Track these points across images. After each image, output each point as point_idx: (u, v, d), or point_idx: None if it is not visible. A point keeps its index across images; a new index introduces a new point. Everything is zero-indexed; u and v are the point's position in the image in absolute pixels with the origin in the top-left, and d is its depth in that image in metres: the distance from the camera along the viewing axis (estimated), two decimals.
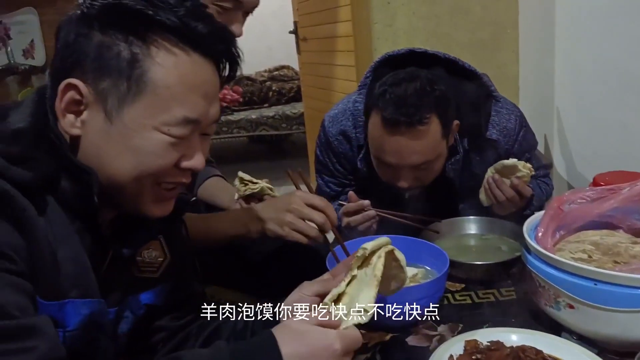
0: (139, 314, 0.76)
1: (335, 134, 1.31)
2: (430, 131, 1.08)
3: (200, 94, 0.65)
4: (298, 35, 3.35)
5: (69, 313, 0.62)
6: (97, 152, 0.64)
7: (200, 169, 0.68)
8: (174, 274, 0.80)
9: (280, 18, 5.10)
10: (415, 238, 1.07)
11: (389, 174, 1.16)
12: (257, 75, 5.05)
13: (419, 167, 1.12)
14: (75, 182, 0.63)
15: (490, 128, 1.24)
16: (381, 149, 1.12)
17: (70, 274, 0.62)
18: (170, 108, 0.63)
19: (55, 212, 0.62)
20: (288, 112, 4.38)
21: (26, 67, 3.08)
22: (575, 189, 0.96)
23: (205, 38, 0.65)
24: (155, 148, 0.63)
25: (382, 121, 1.08)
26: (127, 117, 0.62)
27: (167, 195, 0.69)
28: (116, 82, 0.62)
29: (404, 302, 0.86)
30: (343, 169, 1.35)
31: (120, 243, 0.71)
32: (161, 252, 0.78)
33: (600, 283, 0.74)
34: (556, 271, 0.80)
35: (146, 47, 0.62)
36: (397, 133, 1.07)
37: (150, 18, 0.62)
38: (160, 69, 0.62)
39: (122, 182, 0.64)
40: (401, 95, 1.06)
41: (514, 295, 1.00)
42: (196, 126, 0.66)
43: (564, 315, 0.81)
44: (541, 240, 0.87)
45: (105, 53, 0.61)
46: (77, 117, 0.63)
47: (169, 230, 0.79)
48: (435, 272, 0.99)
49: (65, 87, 0.62)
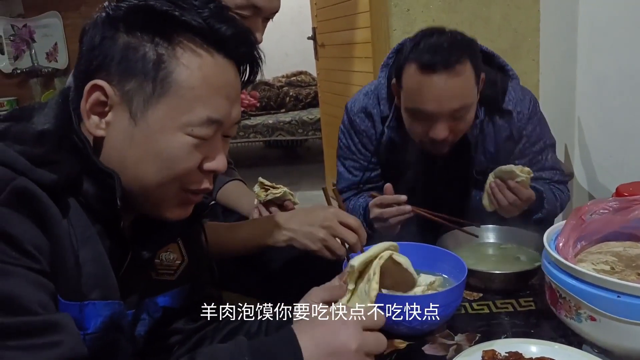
0: (156, 317, 0.76)
1: (357, 111, 1.35)
2: (465, 72, 1.12)
3: (223, 95, 0.66)
4: (316, 41, 3.36)
5: (90, 314, 0.62)
6: (120, 155, 0.64)
7: (222, 170, 0.69)
8: (191, 277, 0.80)
9: (298, 24, 5.13)
10: (433, 246, 1.06)
11: (425, 127, 1.17)
12: (274, 81, 5.07)
13: (454, 114, 1.14)
14: (98, 185, 0.63)
15: (507, 100, 1.27)
16: (420, 97, 1.13)
17: (91, 276, 0.62)
18: (194, 109, 0.63)
19: (77, 214, 0.62)
20: (305, 117, 4.39)
21: (49, 70, 3.14)
22: (597, 199, 0.94)
23: (229, 40, 0.65)
24: (179, 150, 0.64)
25: (419, 68, 1.11)
26: (151, 119, 0.63)
27: (191, 199, 0.70)
28: (142, 84, 0.62)
29: (421, 310, 0.85)
30: (365, 149, 1.36)
31: (139, 245, 0.71)
32: (179, 255, 0.78)
33: (624, 295, 0.73)
34: (578, 282, 0.78)
35: (172, 49, 0.62)
36: (435, 74, 1.10)
37: (177, 19, 0.62)
38: (185, 70, 0.63)
39: (146, 186, 0.65)
40: (435, 43, 1.11)
41: (533, 306, 0.99)
42: (219, 127, 0.66)
43: (586, 328, 0.79)
44: (562, 250, 0.85)
45: (131, 54, 0.62)
46: (101, 119, 0.64)
47: (187, 233, 0.79)
48: (452, 281, 0.98)
49: (91, 88, 0.63)
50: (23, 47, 3.11)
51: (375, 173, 1.37)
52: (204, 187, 0.68)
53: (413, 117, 1.18)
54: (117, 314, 0.66)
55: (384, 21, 2.24)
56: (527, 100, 1.30)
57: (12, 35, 3.12)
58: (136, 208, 0.69)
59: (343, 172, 1.40)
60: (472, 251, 1.15)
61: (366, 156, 1.36)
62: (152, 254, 0.74)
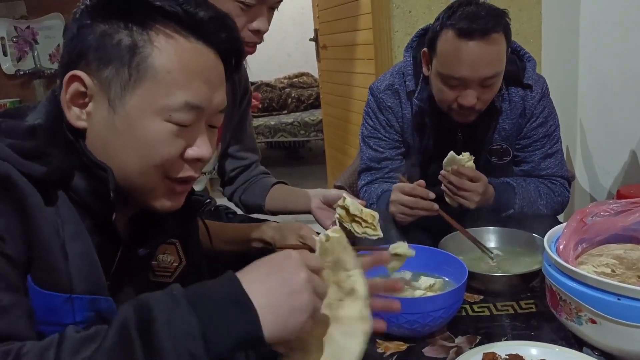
0: None
1: (383, 89, 1.38)
2: (500, 41, 1.17)
3: (203, 79, 0.65)
4: (318, 42, 3.37)
5: (76, 308, 0.62)
6: (103, 145, 0.64)
7: (207, 158, 0.67)
8: (189, 279, 0.80)
9: (301, 25, 5.14)
10: (434, 248, 1.06)
11: (455, 93, 1.20)
12: (276, 82, 5.08)
13: (484, 82, 1.18)
14: (91, 178, 0.63)
15: (527, 77, 1.31)
16: (456, 61, 1.17)
17: (79, 270, 0.62)
18: (172, 93, 0.63)
19: (67, 208, 0.62)
20: (307, 119, 4.40)
21: (52, 71, 3.15)
22: (598, 202, 0.94)
23: (206, 24, 0.65)
24: (158, 136, 0.63)
25: (457, 33, 1.15)
26: (129, 105, 0.62)
27: (178, 189, 0.68)
28: (118, 70, 0.62)
29: (422, 312, 0.85)
30: (389, 126, 1.38)
31: (135, 244, 0.71)
32: (176, 257, 0.78)
33: (624, 298, 0.73)
34: (578, 285, 0.78)
35: (146, 34, 0.62)
36: (472, 40, 1.14)
37: (150, 5, 0.63)
38: (160, 55, 0.62)
39: (129, 175, 0.64)
40: (473, 11, 1.16)
41: (534, 308, 0.98)
42: (200, 113, 0.65)
43: (586, 330, 0.79)
44: (563, 253, 0.85)
45: (107, 42, 0.62)
46: (82, 110, 0.64)
47: (186, 234, 0.79)
48: (453, 283, 0.98)
49: (69, 79, 0.63)
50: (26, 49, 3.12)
51: (398, 152, 1.40)
52: (188, 174, 0.67)
53: (445, 82, 1.21)
54: (105, 310, 0.66)
55: (386, 23, 2.24)
56: (542, 82, 1.34)
57: (15, 36, 3.13)
58: (128, 203, 0.69)
59: (366, 151, 1.42)
60: (473, 253, 1.15)
61: (391, 133, 1.39)
62: (148, 252, 0.74)
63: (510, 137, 1.35)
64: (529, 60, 1.34)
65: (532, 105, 1.32)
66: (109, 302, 0.67)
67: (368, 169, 1.41)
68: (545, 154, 1.35)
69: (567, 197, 1.36)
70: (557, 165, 1.35)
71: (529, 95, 1.32)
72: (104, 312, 0.66)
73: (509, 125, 1.33)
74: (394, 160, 1.39)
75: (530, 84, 1.31)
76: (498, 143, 1.35)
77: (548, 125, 1.34)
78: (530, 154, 1.35)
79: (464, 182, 1.20)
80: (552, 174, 1.35)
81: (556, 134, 1.36)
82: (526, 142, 1.35)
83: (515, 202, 1.28)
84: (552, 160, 1.35)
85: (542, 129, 1.34)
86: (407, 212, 1.17)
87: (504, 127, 1.33)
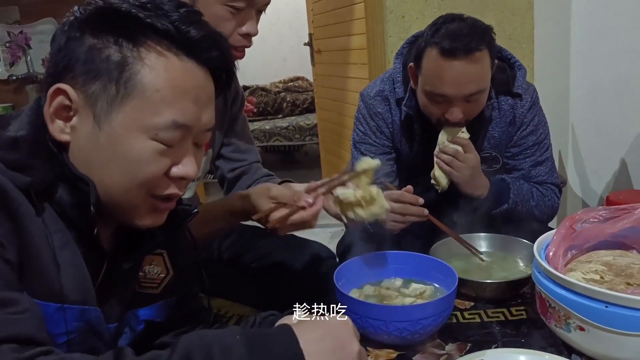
0: (137, 330, 0.75)
1: (373, 95, 1.39)
2: (483, 59, 1.17)
3: (191, 98, 0.64)
4: (313, 47, 3.37)
5: (67, 318, 0.62)
6: (86, 160, 0.63)
7: (192, 177, 0.67)
8: (177, 290, 0.79)
9: (296, 30, 5.14)
10: (424, 255, 1.06)
11: (441, 109, 1.22)
12: (271, 86, 5.08)
13: (469, 98, 1.19)
14: (73, 191, 0.62)
15: (517, 85, 1.32)
16: (439, 80, 1.18)
17: (70, 279, 0.61)
18: (159, 111, 0.62)
19: (53, 220, 0.61)
20: (302, 123, 4.40)
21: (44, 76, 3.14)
22: (588, 208, 0.95)
23: (198, 43, 0.64)
24: (143, 154, 0.62)
25: (440, 52, 1.16)
26: (115, 122, 0.61)
27: (161, 206, 0.68)
28: (105, 86, 0.61)
29: (412, 320, 0.85)
30: (380, 132, 1.39)
31: (120, 257, 0.70)
32: (163, 268, 0.77)
33: (612, 305, 0.73)
34: (567, 292, 0.78)
35: (136, 50, 0.62)
36: (455, 60, 1.15)
37: (142, 22, 0.62)
38: (149, 72, 0.61)
39: (112, 191, 0.64)
40: (456, 29, 1.16)
41: (524, 315, 0.99)
42: (187, 132, 0.65)
43: (575, 338, 0.79)
44: (552, 259, 0.86)
45: (96, 56, 0.61)
46: (66, 123, 0.63)
47: (173, 245, 0.79)
48: (444, 290, 0.98)
49: (54, 92, 0.62)
50: (19, 54, 3.11)
51: (389, 157, 1.40)
52: (173, 192, 0.67)
53: (430, 99, 1.23)
54: (94, 319, 0.65)
55: (380, 28, 2.24)
56: (531, 91, 1.36)
57: (8, 41, 3.12)
58: (111, 217, 0.68)
59: (357, 156, 1.42)
60: (463, 260, 1.15)
61: (381, 139, 1.40)
62: (134, 265, 0.73)
63: (499, 145, 1.35)
64: (520, 68, 1.34)
65: (521, 113, 1.33)
66: (97, 312, 0.67)
67: None
68: (535, 161, 1.35)
69: (556, 203, 1.37)
70: (547, 172, 1.36)
71: (518, 104, 1.33)
72: (93, 322, 0.66)
73: (498, 134, 1.34)
74: (385, 165, 1.39)
75: (520, 93, 1.32)
76: (488, 151, 1.35)
77: (538, 133, 1.35)
78: (521, 162, 1.36)
79: (457, 152, 1.21)
80: (542, 181, 1.35)
81: (546, 142, 1.37)
82: (516, 150, 1.36)
83: (510, 197, 1.28)
84: (543, 167, 1.36)
85: (532, 137, 1.34)
86: (398, 219, 1.17)
87: (494, 135, 1.34)
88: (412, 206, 1.15)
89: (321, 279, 1.19)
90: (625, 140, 1.61)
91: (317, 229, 3.81)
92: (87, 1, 0.65)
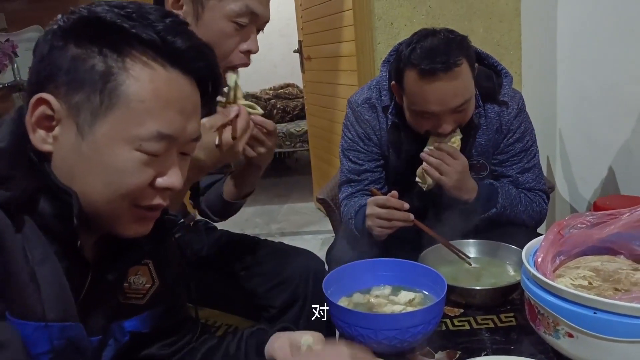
0: (122, 341, 0.74)
1: (361, 102, 1.39)
2: (463, 71, 1.17)
3: (177, 109, 0.64)
4: (302, 54, 3.38)
5: (44, 336, 0.60)
6: (69, 170, 0.62)
7: (177, 187, 0.66)
8: (163, 301, 0.78)
9: (286, 37, 5.15)
10: (413, 262, 1.06)
11: (430, 124, 1.22)
12: (262, 93, 5.08)
13: (457, 109, 1.19)
14: (55, 203, 0.61)
15: (503, 93, 1.33)
16: (423, 101, 1.18)
17: (49, 296, 0.60)
18: (144, 122, 0.61)
19: (33, 233, 0.60)
20: (292, 129, 4.39)
21: None
22: (575, 214, 0.94)
23: (184, 53, 0.64)
24: (127, 165, 0.62)
25: (419, 74, 1.15)
26: (99, 132, 0.61)
27: (147, 215, 0.67)
28: (89, 96, 0.60)
29: (400, 328, 0.85)
30: (368, 138, 1.39)
31: (104, 267, 0.69)
32: (149, 278, 0.76)
33: (600, 312, 0.73)
34: (555, 298, 0.78)
35: (122, 61, 0.61)
36: (436, 80, 1.14)
37: (127, 32, 0.61)
38: (134, 83, 0.61)
39: (95, 202, 0.63)
40: (431, 46, 1.15)
41: (514, 322, 0.98)
42: (171, 143, 0.64)
43: (563, 344, 0.79)
44: (541, 266, 0.85)
45: (80, 66, 0.60)
46: (48, 133, 0.62)
47: (158, 255, 0.77)
48: (433, 297, 0.98)
49: (36, 102, 0.61)
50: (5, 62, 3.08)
51: (377, 164, 1.40)
52: (157, 203, 0.66)
53: (418, 116, 1.23)
54: (75, 336, 0.64)
55: (368, 35, 2.25)
56: (517, 98, 1.36)
57: None
58: (94, 227, 0.67)
59: (346, 163, 1.42)
60: (453, 267, 1.15)
61: (369, 146, 1.39)
62: (118, 276, 0.72)
63: (486, 153, 1.36)
64: (506, 76, 1.35)
65: (508, 121, 1.33)
66: (78, 327, 0.65)
67: (348, 181, 1.41)
68: (522, 168, 1.36)
69: (545, 209, 1.37)
70: (534, 179, 1.36)
71: (504, 111, 1.33)
72: (74, 339, 0.64)
73: (485, 141, 1.34)
74: (373, 172, 1.39)
75: (506, 101, 1.32)
76: (475, 158, 1.35)
77: (525, 140, 1.35)
78: (508, 169, 1.36)
79: (444, 156, 1.21)
80: (530, 188, 1.36)
81: (533, 149, 1.38)
82: (504, 157, 1.36)
83: (498, 201, 1.29)
84: (530, 174, 1.36)
85: (519, 144, 1.35)
86: (384, 224, 1.16)
87: (481, 142, 1.35)
88: (398, 211, 1.15)
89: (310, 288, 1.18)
90: (612, 147, 1.62)
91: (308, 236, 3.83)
92: (71, 10, 0.64)
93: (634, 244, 0.90)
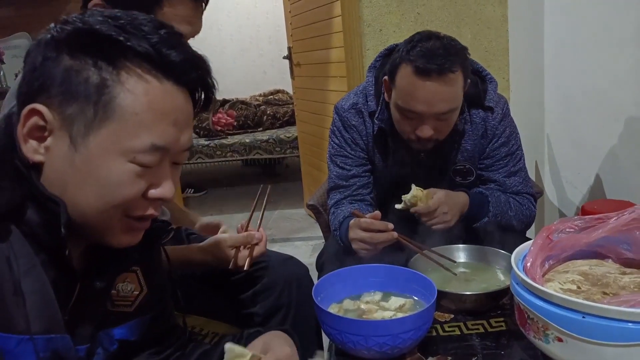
0: (111, 350, 0.73)
1: (347, 108, 1.40)
2: (457, 80, 1.18)
3: (170, 121, 0.64)
4: (292, 60, 3.38)
5: (29, 350, 0.59)
6: (61, 181, 0.62)
7: (169, 198, 0.66)
8: (151, 308, 0.77)
9: (276, 43, 5.16)
10: (403, 267, 1.06)
11: (412, 125, 1.23)
12: (251, 99, 5.06)
13: (441, 116, 1.20)
14: (43, 212, 0.61)
15: (488, 99, 1.34)
16: (411, 98, 1.19)
17: (34, 308, 0.59)
18: (138, 135, 0.61)
19: (19, 243, 0.59)
20: (282, 136, 4.39)
21: None
22: (564, 218, 0.95)
23: (178, 65, 0.64)
24: (121, 177, 0.61)
25: (414, 71, 1.16)
26: (93, 144, 0.61)
27: (137, 226, 0.67)
28: (83, 108, 0.60)
29: (391, 335, 0.84)
30: (355, 144, 1.39)
31: (92, 275, 0.69)
32: (137, 285, 0.75)
33: (589, 316, 0.73)
34: (544, 303, 0.78)
35: (116, 73, 0.61)
36: (428, 80, 1.16)
37: (121, 44, 0.61)
38: (129, 95, 0.61)
39: (86, 213, 0.62)
40: (431, 48, 1.16)
41: (504, 326, 0.98)
42: (164, 154, 0.64)
43: (553, 349, 0.79)
44: (530, 270, 0.86)
45: (74, 77, 0.60)
46: (40, 143, 0.62)
47: (147, 262, 0.77)
48: (423, 303, 0.97)
49: (29, 112, 0.60)
50: None
51: (365, 169, 1.40)
52: (149, 213, 0.66)
53: (402, 114, 1.24)
54: (62, 348, 0.63)
55: (357, 41, 2.26)
56: (502, 103, 1.37)
57: None
58: (82, 236, 0.66)
59: (334, 169, 1.42)
60: (442, 272, 1.15)
61: (357, 151, 1.40)
62: (106, 284, 0.71)
63: (472, 158, 1.37)
64: (491, 81, 1.36)
65: (493, 126, 1.35)
66: (65, 339, 0.64)
67: (336, 187, 1.41)
68: (508, 172, 1.37)
69: (533, 212, 1.38)
70: (521, 183, 1.38)
71: (490, 116, 1.34)
72: (60, 351, 0.63)
73: (471, 146, 1.35)
74: (361, 177, 1.40)
75: (492, 106, 1.34)
76: (461, 163, 1.36)
77: (510, 144, 1.37)
78: (494, 173, 1.37)
79: (430, 216, 1.20)
80: (518, 191, 1.37)
81: (519, 153, 1.39)
82: (489, 162, 1.37)
83: (489, 210, 1.29)
84: (516, 178, 1.37)
85: (505, 148, 1.36)
86: (369, 248, 1.17)
87: (466, 147, 1.36)
88: (382, 234, 1.15)
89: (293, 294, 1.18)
90: (599, 151, 1.64)
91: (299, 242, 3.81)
92: (64, 19, 0.63)
93: (621, 247, 0.91)
